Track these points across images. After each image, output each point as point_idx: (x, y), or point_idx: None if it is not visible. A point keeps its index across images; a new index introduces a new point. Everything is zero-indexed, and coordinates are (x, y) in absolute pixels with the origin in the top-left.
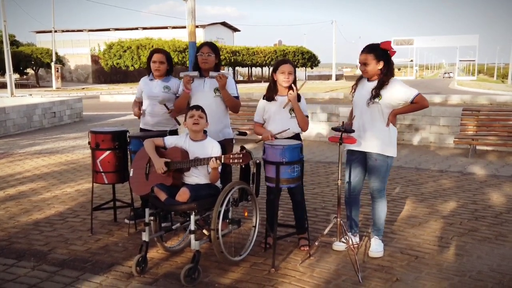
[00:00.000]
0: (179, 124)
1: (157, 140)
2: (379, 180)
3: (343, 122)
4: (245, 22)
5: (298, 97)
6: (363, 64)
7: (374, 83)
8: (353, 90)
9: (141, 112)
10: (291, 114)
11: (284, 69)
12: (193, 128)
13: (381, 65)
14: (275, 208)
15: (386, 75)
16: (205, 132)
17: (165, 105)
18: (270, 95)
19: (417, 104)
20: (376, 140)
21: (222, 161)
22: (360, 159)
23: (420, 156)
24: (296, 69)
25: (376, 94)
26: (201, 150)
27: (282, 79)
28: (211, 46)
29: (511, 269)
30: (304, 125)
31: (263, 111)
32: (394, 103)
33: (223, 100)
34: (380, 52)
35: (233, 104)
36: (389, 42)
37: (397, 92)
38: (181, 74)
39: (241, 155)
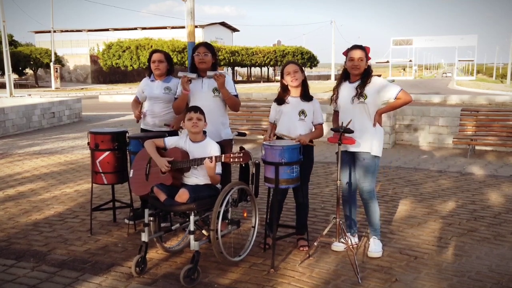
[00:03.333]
0: (181, 128)
1: (157, 141)
2: (368, 180)
3: (342, 122)
4: (243, 22)
5: (310, 97)
6: (359, 59)
7: (356, 83)
8: (335, 95)
9: (141, 115)
10: (300, 116)
11: (289, 70)
12: (192, 130)
13: (367, 65)
14: (276, 209)
15: (368, 74)
16: (205, 133)
17: (165, 125)
18: (280, 99)
19: (400, 100)
20: (363, 140)
21: (222, 160)
22: (350, 159)
23: (419, 156)
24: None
25: (361, 91)
26: (200, 151)
27: (290, 79)
28: (207, 46)
29: (509, 269)
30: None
31: (275, 113)
32: (379, 101)
33: (222, 100)
34: (367, 53)
35: (233, 103)
36: (369, 48)
37: (382, 90)
38: (180, 74)
39: (241, 154)
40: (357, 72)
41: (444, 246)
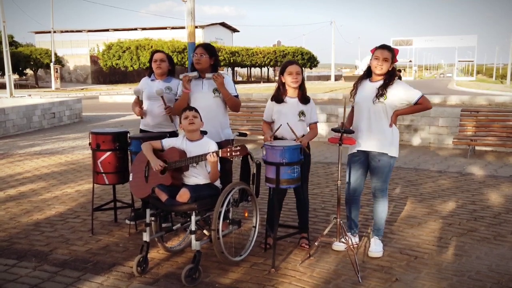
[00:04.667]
0: (172, 121)
1: (154, 143)
2: (381, 180)
3: (342, 123)
4: (243, 22)
5: (308, 99)
6: (384, 59)
7: (377, 84)
8: (354, 91)
9: (143, 111)
10: (300, 117)
11: (292, 70)
12: (189, 128)
13: (391, 66)
14: (276, 208)
15: (391, 76)
16: (203, 132)
17: (162, 97)
18: (279, 97)
19: (420, 105)
20: (379, 140)
21: (220, 155)
22: (363, 159)
23: (419, 156)
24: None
25: (382, 92)
26: (199, 149)
27: (290, 80)
28: (205, 47)
29: (509, 269)
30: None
31: (272, 111)
32: (398, 103)
33: (223, 100)
34: (394, 55)
35: (233, 103)
36: (398, 50)
37: (402, 93)
38: (181, 76)
39: (238, 148)
40: (379, 72)
41: (444, 246)
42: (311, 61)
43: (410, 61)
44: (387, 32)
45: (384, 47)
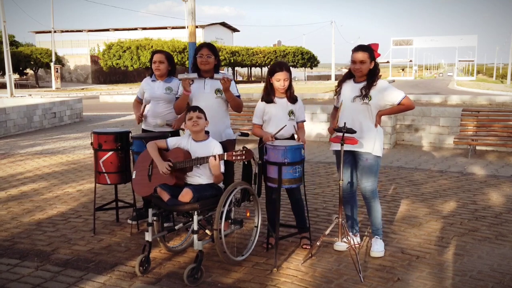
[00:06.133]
0: (183, 129)
1: (159, 142)
2: (371, 180)
3: (344, 123)
4: (243, 22)
5: (295, 99)
6: (361, 62)
7: (360, 85)
8: (338, 90)
9: (142, 117)
10: (290, 116)
11: (280, 77)
12: (193, 129)
13: (372, 65)
14: (276, 208)
15: (374, 75)
16: (207, 132)
17: (167, 124)
18: (268, 98)
19: (403, 106)
20: (366, 140)
21: (225, 158)
22: (350, 158)
23: (420, 156)
24: (295, 69)
25: (366, 93)
26: (203, 150)
27: (278, 86)
28: (210, 47)
29: (511, 268)
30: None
31: (263, 113)
32: (383, 103)
33: (224, 100)
34: (372, 53)
35: (236, 104)
36: (377, 45)
37: (386, 94)
38: (179, 76)
39: (243, 152)
40: (359, 74)
41: (445, 246)
42: (311, 61)
43: (410, 61)
44: (387, 32)
45: (358, 49)
